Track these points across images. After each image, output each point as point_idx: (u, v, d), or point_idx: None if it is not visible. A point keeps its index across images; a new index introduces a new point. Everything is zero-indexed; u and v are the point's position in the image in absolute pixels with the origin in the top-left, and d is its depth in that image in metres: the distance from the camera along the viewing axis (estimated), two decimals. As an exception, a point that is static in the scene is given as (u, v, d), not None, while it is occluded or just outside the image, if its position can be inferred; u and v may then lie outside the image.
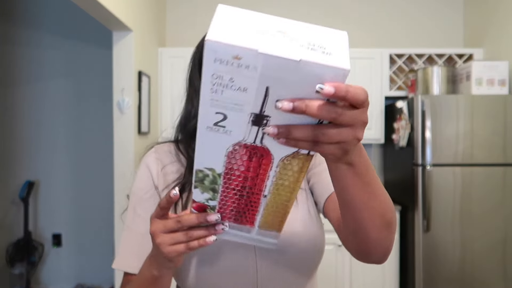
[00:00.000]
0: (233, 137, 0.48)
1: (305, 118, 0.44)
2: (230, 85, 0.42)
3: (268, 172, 0.52)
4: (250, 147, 0.49)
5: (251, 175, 0.53)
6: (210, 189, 0.56)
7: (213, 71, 0.41)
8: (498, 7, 3.02)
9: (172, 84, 3.16)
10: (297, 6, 3.48)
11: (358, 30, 3.47)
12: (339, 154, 0.47)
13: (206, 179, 0.54)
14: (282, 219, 0.60)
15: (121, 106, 2.58)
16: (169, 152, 0.86)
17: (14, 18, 3.52)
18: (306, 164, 0.51)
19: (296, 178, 0.53)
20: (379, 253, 0.66)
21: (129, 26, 2.50)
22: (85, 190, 3.53)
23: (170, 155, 0.86)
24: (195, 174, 0.54)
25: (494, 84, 2.79)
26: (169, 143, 0.88)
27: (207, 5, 3.48)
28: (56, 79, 3.53)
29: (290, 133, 0.44)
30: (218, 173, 0.53)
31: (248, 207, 0.58)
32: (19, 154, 3.53)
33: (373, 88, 3.18)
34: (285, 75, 0.40)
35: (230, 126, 0.46)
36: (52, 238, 3.54)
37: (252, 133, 0.47)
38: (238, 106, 0.44)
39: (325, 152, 0.47)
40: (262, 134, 0.47)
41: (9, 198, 3.51)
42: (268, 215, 0.59)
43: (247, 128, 0.47)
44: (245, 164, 0.52)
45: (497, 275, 2.61)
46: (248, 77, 0.41)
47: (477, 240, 2.61)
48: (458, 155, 2.63)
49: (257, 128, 0.46)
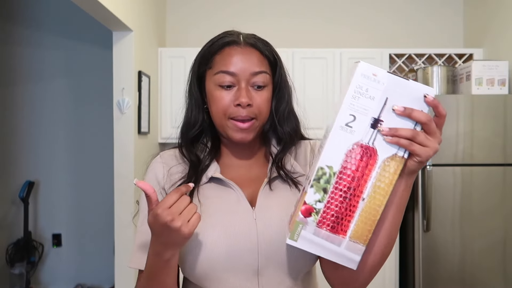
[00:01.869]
0: (355, 137, 0.62)
1: (407, 125, 0.62)
2: (365, 94, 0.61)
3: (371, 173, 0.63)
4: (364, 147, 0.63)
5: (358, 175, 0.63)
6: (322, 189, 0.65)
7: (358, 83, 0.61)
8: (498, 7, 3.02)
9: (172, 84, 3.16)
10: (297, 6, 3.48)
11: (358, 30, 3.47)
12: (422, 158, 0.64)
13: (322, 177, 0.64)
14: (370, 228, 0.66)
15: (121, 106, 2.58)
16: (174, 156, 0.91)
17: (14, 18, 3.52)
18: (400, 166, 0.64)
19: (390, 181, 0.64)
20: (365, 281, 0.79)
21: (129, 26, 2.50)
22: (85, 190, 3.53)
23: (175, 159, 0.90)
24: (316, 172, 0.64)
25: (494, 84, 2.79)
26: (174, 149, 0.93)
27: (207, 5, 3.48)
28: (56, 79, 3.53)
29: (396, 131, 0.62)
30: (334, 171, 0.64)
31: (347, 212, 0.65)
32: (19, 154, 3.53)
33: (373, 88, 3.18)
34: (400, 90, 0.61)
35: (356, 127, 0.62)
36: (52, 238, 3.54)
37: (368, 134, 0.62)
38: (365, 110, 0.62)
39: (416, 151, 0.63)
40: (375, 136, 0.62)
41: (9, 198, 3.51)
42: (360, 222, 0.65)
43: (366, 130, 0.62)
44: (356, 164, 0.63)
45: (497, 275, 2.61)
46: (377, 89, 0.61)
47: (477, 240, 2.61)
48: (458, 155, 2.63)
49: (372, 130, 0.62)
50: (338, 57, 3.16)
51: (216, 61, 0.84)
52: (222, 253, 0.78)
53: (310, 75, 3.13)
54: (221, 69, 0.82)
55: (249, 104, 0.82)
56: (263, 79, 0.84)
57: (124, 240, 2.59)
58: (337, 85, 3.17)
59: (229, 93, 0.82)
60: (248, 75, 0.82)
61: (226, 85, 0.82)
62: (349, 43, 3.45)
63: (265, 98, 0.85)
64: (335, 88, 3.17)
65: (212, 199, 0.84)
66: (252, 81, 0.83)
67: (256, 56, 0.84)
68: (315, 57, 3.15)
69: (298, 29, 3.44)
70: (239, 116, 0.82)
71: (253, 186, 0.87)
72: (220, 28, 0.98)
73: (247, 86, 0.82)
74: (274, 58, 0.87)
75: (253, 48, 0.85)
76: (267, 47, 0.87)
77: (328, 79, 3.16)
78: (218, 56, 0.84)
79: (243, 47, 0.84)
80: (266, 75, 0.84)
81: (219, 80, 0.83)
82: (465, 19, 3.46)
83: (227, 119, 0.83)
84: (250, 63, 0.83)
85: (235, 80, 0.82)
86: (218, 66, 0.83)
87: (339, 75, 3.17)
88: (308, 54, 3.15)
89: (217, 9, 3.46)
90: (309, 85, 3.09)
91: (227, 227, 0.80)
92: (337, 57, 3.16)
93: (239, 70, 0.82)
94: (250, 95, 0.82)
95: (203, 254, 0.78)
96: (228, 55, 0.83)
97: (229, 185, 0.85)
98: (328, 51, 3.18)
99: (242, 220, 0.81)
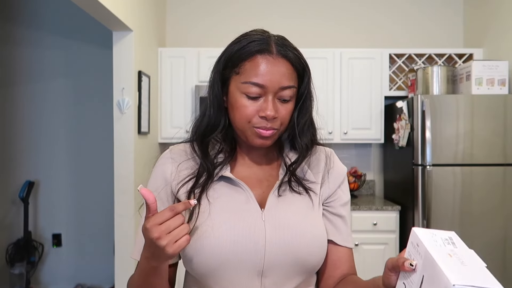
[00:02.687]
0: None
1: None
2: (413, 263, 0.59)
3: None
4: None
5: None
6: None
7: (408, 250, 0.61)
8: (498, 7, 3.02)
9: (172, 84, 3.16)
10: (297, 6, 3.48)
11: (358, 30, 3.47)
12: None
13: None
14: None
15: (121, 106, 2.58)
16: (184, 151, 0.90)
17: (14, 18, 3.52)
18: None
19: None
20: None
21: (129, 26, 2.50)
22: (85, 190, 3.53)
23: (184, 154, 0.90)
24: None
25: (494, 84, 2.79)
26: (185, 144, 0.92)
27: (207, 5, 3.48)
28: (56, 79, 3.53)
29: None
30: None
31: None
32: (19, 154, 3.53)
33: (373, 88, 3.18)
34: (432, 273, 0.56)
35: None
36: (52, 238, 3.54)
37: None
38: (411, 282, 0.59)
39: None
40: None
41: (9, 198, 3.51)
42: None
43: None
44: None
45: (497, 275, 2.60)
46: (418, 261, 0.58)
47: (477, 240, 2.61)
48: (458, 155, 2.63)
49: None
50: (338, 57, 3.17)
51: (246, 69, 0.81)
52: (227, 252, 0.78)
53: (310, 75, 3.13)
54: (251, 80, 0.80)
55: (275, 117, 0.81)
56: (291, 93, 0.82)
57: (124, 240, 2.59)
58: (337, 85, 3.17)
59: (254, 103, 0.81)
60: (277, 89, 0.80)
61: (254, 96, 0.81)
62: (349, 43, 3.45)
63: (290, 110, 0.84)
64: (335, 88, 3.17)
65: (221, 197, 0.84)
66: (279, 94, 0.81)
67: (287, 69, 0.81)
68: (315, 57, 3.15)
69: (298, 29, 3.44)
70: (263, 127, 0.81)
71: (263, 188, 0.87)
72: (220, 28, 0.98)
73: (274, 99, 0.81)
74: (303, 69, 0.85)
75: (285, 60, 0.82)
76: (298, 57, 0.84)
77: (328, 79, 3.16)
78: (248, 64, 0.81)
79: (275, 58, 0.81)
80: (294, 89, 0.83)
81: (246, 89, 0.80)
82: (465, 19, 3.46)
83: (250, 126, 0.82)
84: (281, 77, 0.80)
85: (263, 92, 0.80)
86: (247, 75, 0.80)
87: (339, 75, 3.17)
88: (308, 54, 3.11)
89: (217, 9, 3.46)
90: (309, 85, 3.09)
91: (234, 226, 0.80)
92: (337, 57, 3.17)
93: (268, 83, 0.80)
94: (276, 108, 0.81)
95: (208, 252, 0.78)
96: (259, 65, 0.80)
97: (239, 184, 0.84)
98: (328, 51, 3.18)
99: (251, 221, 0.81)
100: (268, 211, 0.82)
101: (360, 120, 3.18)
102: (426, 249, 0.56)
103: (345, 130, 3.17)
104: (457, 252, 0.58)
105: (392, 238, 2.88)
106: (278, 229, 0.81)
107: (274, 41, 0.83)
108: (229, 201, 0.83)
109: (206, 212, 0.82)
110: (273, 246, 0.80)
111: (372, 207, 2.87)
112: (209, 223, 0.80)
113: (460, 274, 0.53)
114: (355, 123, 3.18)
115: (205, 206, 0.82)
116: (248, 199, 0.83)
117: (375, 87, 3.18)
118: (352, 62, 3.17)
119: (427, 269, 0.55)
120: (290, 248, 0.80)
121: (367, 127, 3.18)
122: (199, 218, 0.81)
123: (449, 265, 0.54)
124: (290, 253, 0.80)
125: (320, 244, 0.84)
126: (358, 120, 3.18)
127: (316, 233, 0.84)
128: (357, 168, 3.41)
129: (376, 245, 2.85)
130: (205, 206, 0.82)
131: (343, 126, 3.17)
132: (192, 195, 0.83)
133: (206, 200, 0.83)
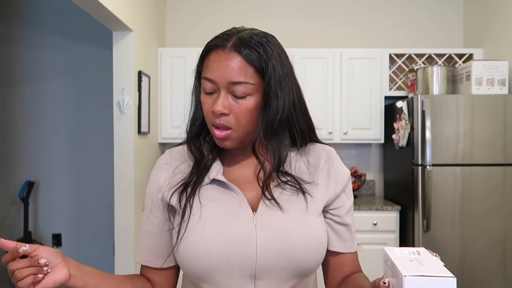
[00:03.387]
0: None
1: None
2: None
3: None
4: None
5: None
6: None
7: (384, 269, 0.65)
8: (498, 7, 3.02)
9: (172, 84, 3.16)
10: (297, 6, 3.48)
11: (358, 30, 3.47)
12: None
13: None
14: None
15: (121, 106, 2.58)
16: (181, 153, 0.90)
17: (14, 18, 3.52)
18: None
19: None
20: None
21: (129, 26, 2.50)
22: (85, 190, 3.53)
23: (181, 156, 0.90)
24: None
25: (494, 84, 2.79)
26: (184, 145, 0.92)
27: (207, 5, 3.48)
28: (56, 79, 3.53)
29: None
30: None
31: None
32: (19, 154, 3.53)
33: (373, 88, 3.18)
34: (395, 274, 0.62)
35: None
36: (52, 238, 3.54)
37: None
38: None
39: None
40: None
41: (9, 198, 3.51)
42: None
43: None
44: None
45: (497, 275, 2.61)
46: (388, 272, 0.64)
47: (477, 240, 2.61)
48: (458, 155, 2.63)
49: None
50: (338, 57, 3.17)
51: (204, 65, 0.82)
52: (218, 257, 0.77)
53: (310, 75, 3.13)
54: (204, 75, 0.81)
55: (224, 113, 0.79)
56: (243, 90, 0.78)
57: (124, 240, 2.59)
58: (337, 85, 3.17)
59: (210, 99, 0.81)
60: (226, 84, 0.78)
61: (208, 91, 0.81)
62: (349, 43, 3.45)
63: (245, 108, 0.79)
64: (335, 88, 3.17)
65: (214, 201, 0.83)
66: (231, 90, 0.79)
67: (237, 64, 0.78)
68: (315, 57, 3.15)
69: (298, 29, 3.44)
70: (215, 123, 0.81)
71: (255, 189, 0.85)
72: (220, 28, 0.96)
73: (226, 94, 0.79)
74: (261, 66, 0.79)
75: (237, 54, 0.78)
76: (257, 54, 0.79)
77: (328, 79, 3.16)
78: (206, 60, 0.82)
79: (226, 53, 0.78)
80: (246, 85, 0.78)
81: (203, 85, 0.82)
82: (465, 19, 3.46)
83: (210, 125, 0.82)
84: (230, 72, 0.78)
85: (216, 87, 0.80)
86: (204, 70, 0.82)
87: (339, 75, 3.17)
88: (308, 54, 3.15)
89: (217, 9, 3.46)
90: (309, 85, 3.09)
91: (225, 231, 0.79)
92: (337, 57, 3.17)
93: (217, 78, 0.79)
94: (227, 104, 0.79)
95: (198, 257, 0.78)
96: (211, 60, 0.80)
97: (232, 188, 0.83)
98: (328, 51, 3.18)
99: (241, 224, 0.80)
100: (260, 215, 0.81)
101: (360, 120, 3.18)
102: (392, 260, 0.62)
103: (345, 130, 3.17)
104: (419, 258, 0.63)
105: (392, 238, 2.88)
106: (270, 233, 0.79)
107: (238, 37, 0.80)
108: (221, 204, 0.82)
109: (197, 215, 0.81)
110: (265, 250, 0.78)
111: (372, 207, 2.87)
112: (200, 227, 0.79)
113: (414, 269, 0.58)
114: (355, 123, 3.18)
115: (196, 210, 0.82)
116: (241, 202, 0.82)
117: (375, 87, 3.18)
118: (352, 62, 3.17)
119: (394, 276, 0.61)
120: (282, 251, 0.78)
121: (367, 127, 3.18)
122: (190, 222, 0.81)
123: (406, 265, 0.60)
124: (283, 256, 0.78)
125: (315, 247, 0.81)
126: (358, 120, 3.18)
127: (312, 234, 0.81)
128: (357, 168, 3.41)
129: (376, 245, 2.85)
130: (196, 209, 0.82)
131: (343, 126, 3.17)
132: (184, 199, 0.83)
133: (198, 203, 0.82)
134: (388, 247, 0.66)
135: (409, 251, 0.65)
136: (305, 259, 0.80)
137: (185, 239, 0.79)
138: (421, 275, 0.56)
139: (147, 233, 0.89)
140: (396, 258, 0.62)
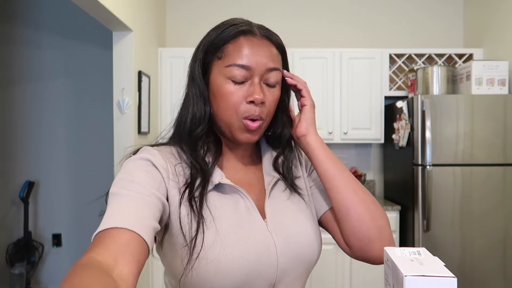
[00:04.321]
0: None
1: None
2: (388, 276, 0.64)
3: None
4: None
5: None
6: None
7: (384, 270, 0.65)
8: (498, 7, 3.02)
9: (172, 84, 3.16)
10: (297, 6, 3.48)
11: (358, 30, 3.47)
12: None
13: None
14: None
15: (121, 106, 2.58)
16: (172, 154, 0.80)
17: (14, 18, 3.52)
18: None
19: None
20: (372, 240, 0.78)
21: (129, 26, 2.50)
22: (85, 190, 3.53)
23: (173, 157, 0.79)
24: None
25: (494, 84, 2.79)
26: (169, 146, 0.82)
27: (207, 5, 3.48)
28: (56, 79, 3.53)
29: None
30: None
31: None
32: (19, 154, 3.53)
33: (373, 88, 3.18)
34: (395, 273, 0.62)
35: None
36: (52, 238, 3.54)
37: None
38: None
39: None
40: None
41: (9, 198, 3.51)
42: None
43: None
44: None
45: (497, 275, 2.61)
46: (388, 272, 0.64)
47: (477, 240, 2.61)
48: (458, 155, 2.63)
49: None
50: (338, 57, 3.17)
51: (228, 51, 0.75)
52: (243, 270, 0.72)
53: (310, 75, 3.13)
54: (235, 62, 0.74)
55: (263, 102, 0.75)
56: (277, 77, 0.77)
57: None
58: (337, 85, 3.17)
59: (241, 89, 0.75)
60: (263, 71, 0.75)
61: (239, 81, 0.74)
62: (349, 43, 3.45)
63: (276, 97, 0.78)
64: (335, 88, 3.17)
65: (222, 210, 0.76)
66: (265, 77, 0.76)
67: (272, 51, 0.77)
68: (315, 57, 3.15)
69: (298, 29, 3.44)
70: (251, 116, 0.75)
71: (256, 193, 0.82)
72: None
73: (260, 82, 0.75)
74: (284, 56, 0.81)
75: (270, 42, 0.77)
76: (281, 43, 0.80)
77: (328, 79, 3.16)
78: (231, 46, 0.75)
79: (260, 39, 0.76)
80: (279, 72, 0.78)
81: (231, 73, 0.74)
82: (465, 19, 3.46)
83: (239, 118, 0.76)
84: (267, 58, 0.75)
85: (249, 75, 0.74)
86: (231, 57, 0.75)
87: (339, 75, 3.17)
88: (308, 54, 3.15)
89: (217, 9, 3.46)
90: (309, 85, 3.07)
91: (246, 244, 0.73)
92: (337, 57, 3.17)
93: (254, 64, 0.74)
94: (264, 92, 0.76)
95: (223, 275, 0.71)
96: (244, 46, 0.74)
97: (238, 192, 0.78)
98: (328, 51, 3.18)
99: (259, 234, 0.75)
100: (270, 221, 0.78)
101: (360, 120, 3.18)
102: (392, 260, 0.62)
103: (345, 130, 3.17)
104: (420, 258, 0.63)
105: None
106: (284, 238, 0.77)
107: (256, 25, 0.79)
108: (230, 212, 0.76)
109: (212, 228, 0.73)
110: (284, 257, 0.77)
111: (372, 207, 2.87)
112: (219, 243, 0.72)
113: (414, 269, 0.58)
114: (355, 123, 3.18)
115: (209, 222, 0.73)
116: (249, 208, 0.77)
117: (375, 87, 3.18)
118: (352, 62, 3.18)
119: (395, 276, 0.61)
120: (298, 255, 0.78)
121: (367, 127, 3.18)
122: (206, 238, 0.72)
123: (407, 265, 0.60)
124: (298, 259, 0.78)
125: (319, 241, 0.83)
126: (358, 120, 3.18)
127: (315, 229, 0.83)
128: (357, 168, 3.41)
129: (376, 245, 2.85)
130: (210, 221, 0.74)
131: (343, 126, 3.17)
132: (195, 207, 0.73)
133: (208, 213, 0.74)
134: (389, 247, 0.67)
135: (409, 251, 0.66)
136: (313, 255, 0.81)
137: (204, 257, 0.71)
138: (421, 275, 0.57)
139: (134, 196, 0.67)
140: (397, 258, 0.63)
